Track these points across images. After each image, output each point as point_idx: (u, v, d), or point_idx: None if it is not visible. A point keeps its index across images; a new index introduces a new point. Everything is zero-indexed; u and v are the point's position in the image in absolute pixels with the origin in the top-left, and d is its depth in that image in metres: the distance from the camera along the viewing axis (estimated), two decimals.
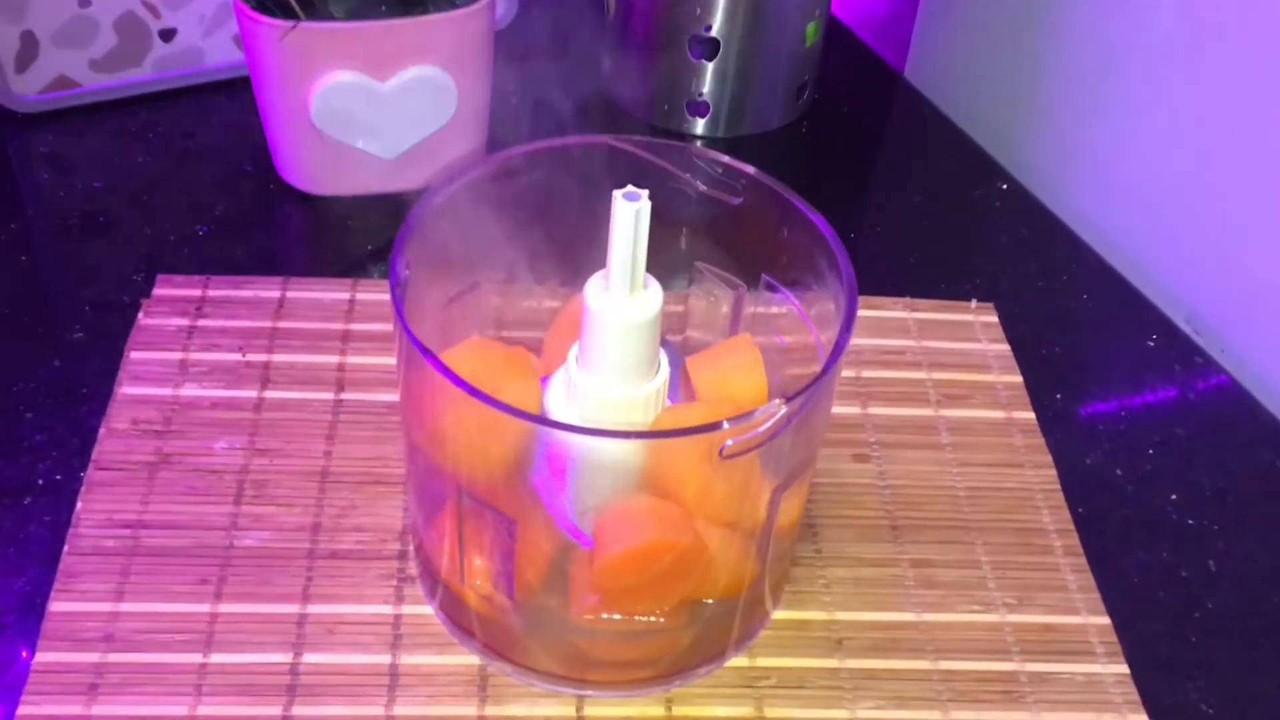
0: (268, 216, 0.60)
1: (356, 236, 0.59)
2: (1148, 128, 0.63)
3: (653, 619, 0.41)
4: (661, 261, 0.44)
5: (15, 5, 0.60)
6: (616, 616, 0.41)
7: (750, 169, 0.43)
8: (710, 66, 0.66)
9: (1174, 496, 0.52)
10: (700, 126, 0.68)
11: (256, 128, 0.60)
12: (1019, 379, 0.55)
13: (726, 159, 0.44)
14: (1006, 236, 0.63)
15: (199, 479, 0.48)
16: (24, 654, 0.43)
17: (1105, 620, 0.47)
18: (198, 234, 0.59)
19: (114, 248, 0.58)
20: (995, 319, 0.57)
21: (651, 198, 0.38)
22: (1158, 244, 0.63)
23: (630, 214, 0.38)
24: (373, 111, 0.57)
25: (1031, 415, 0.53)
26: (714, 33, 0.65)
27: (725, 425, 0.35)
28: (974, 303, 0.58)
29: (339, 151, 0.58)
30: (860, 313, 0.41)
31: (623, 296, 0.39)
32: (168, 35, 0.64)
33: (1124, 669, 0.45)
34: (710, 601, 0.42)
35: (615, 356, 0.40)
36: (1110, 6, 0.64)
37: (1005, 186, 0.66)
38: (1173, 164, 0.62)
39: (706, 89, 0.67)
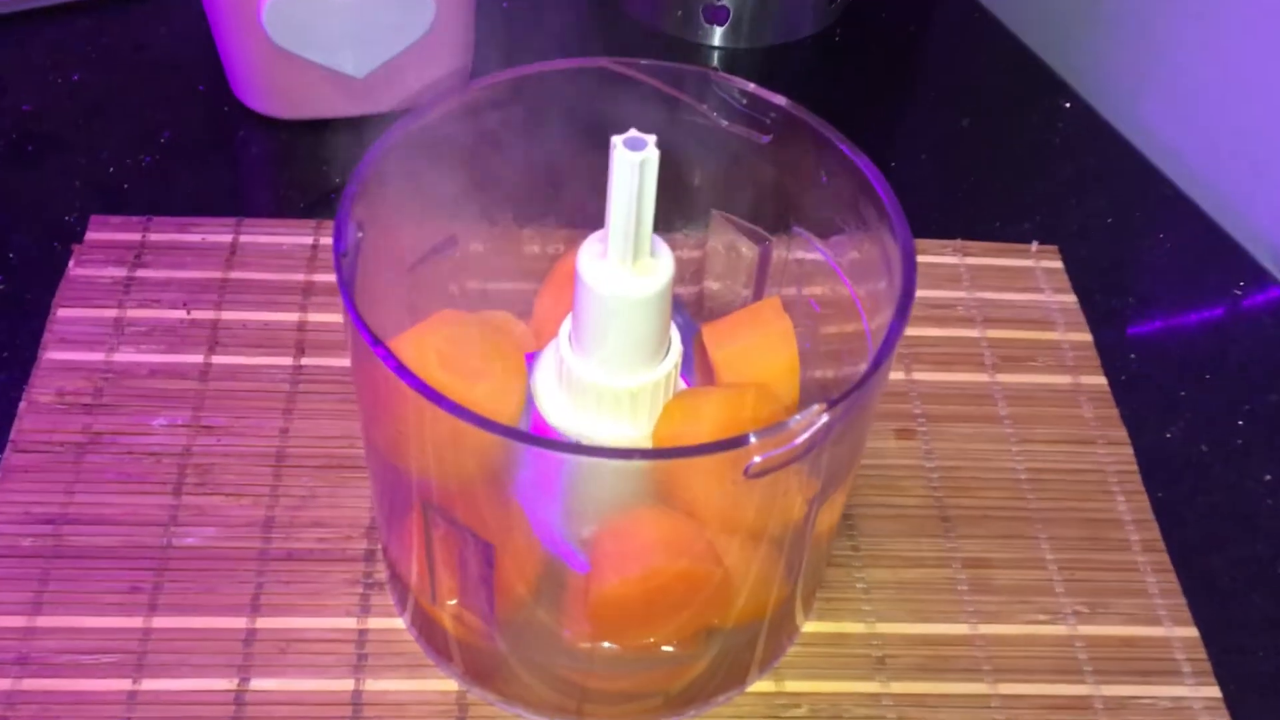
0: (221, 144, 0.53)
1: (321, 168, 0.52)
2: (1235, 36, 0.56)
3: (663, 647, 0.35)
4: (672, 209, 0.37)
5: None
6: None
7: (782, 100, 0.36)
8: None
9: (1268, 477, 0.45)
10: (718, 36, 0.60)
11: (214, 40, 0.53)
12: (1088, 337, 0.48)
13: (753, 87, 0.36)
14: (1071, 166, 0.56)
15: (133, 463, 0.41)
16: None
17: (1192, 632, 0.40)
18: (141, 165, 0.52)
19: (44, 182, 0.51)
20: (1059, 264, 0.50)
21: (661, 134, 0.31)
22: (1246, 175, 0.56)
23: (633, 167, 0.30)
24: (335, 22, 0.49)
25: (1103, 380, 0.47)
26: None
27: (752, 440, 0.28)
28: (1035, 245, 0.51)
29: (300, 69, 0.51)
30: None
31: (624, 267, 0.32)
32: None
33: (1215, 691, 0.39)
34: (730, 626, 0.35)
35: (615, 338, 0.33)
36: None
37: (1069, 105, 0.59)
38: (1264, 80, 0.55)
39: None
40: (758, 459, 0.28)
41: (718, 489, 0.30)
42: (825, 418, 0.29)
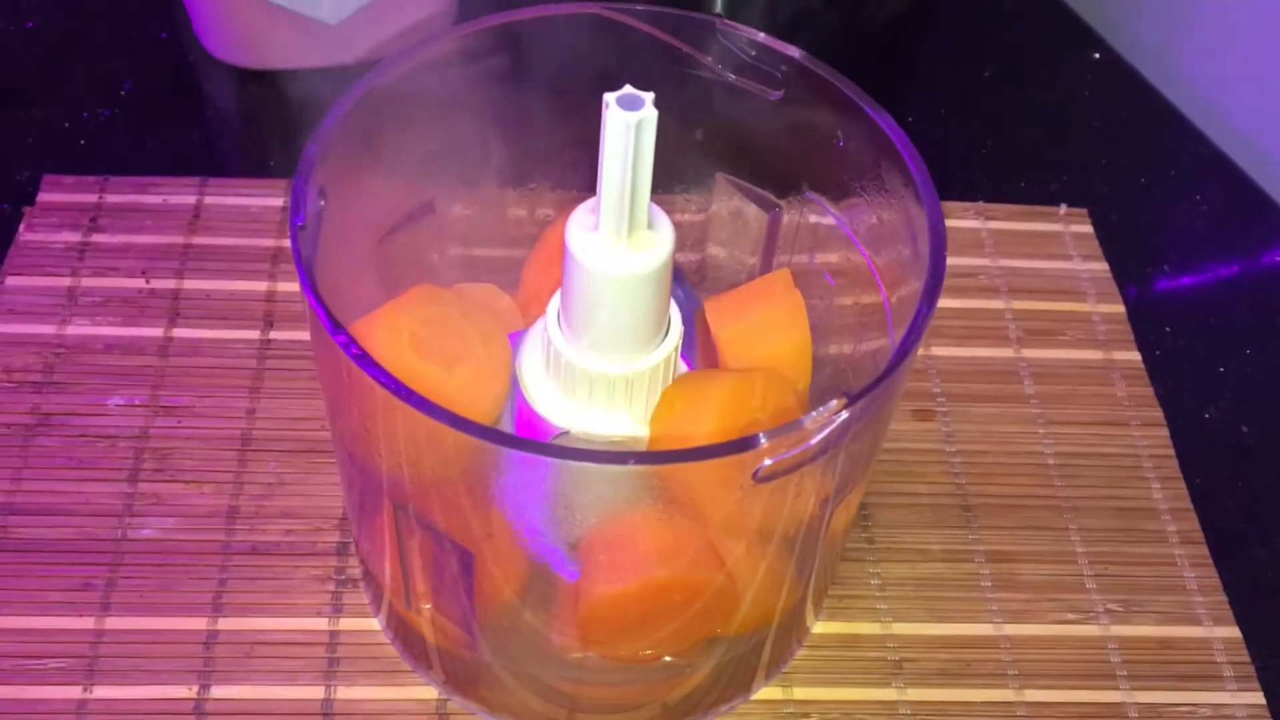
0: (186, 97, 0.51)
1: (293, 123, 0.49)
2: None
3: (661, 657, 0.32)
4: (672, 173, 0.34)
5: None
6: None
7: (795, 51, 0.33)
8: None
9: None
10: None
11: None
12: (1121, 308, 0.45)
13: (763, 37, 0.33)
14: (1101, 122, 0.53)
15: (86, 447, 0.39)
16: None
17: (1234, 632, 0.38)
18: (99, 119, 0.49)
19: None
20: (1089, 229, 0.48)
21: (660, 90, 0.28)
22: None
23: (628, 128, 0.27)
24: None
25: (1136, 355, 0.44)
26: None
27: (762, 441, 0.25)
28: (1063, 208, 0.48)
29: (270, 15, 0.48)
30: None
31: (618, 240, 0.28)
32: None
33: (1259, 698, 0.37)
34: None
35: (607, 319, 0.30)
36: None
37: (1099, 57, 0.56)
38: None
39: None
40: (768, 461, 0.25)
41: (723, 492, 0.27)
42: (844, 414, 0.25)
